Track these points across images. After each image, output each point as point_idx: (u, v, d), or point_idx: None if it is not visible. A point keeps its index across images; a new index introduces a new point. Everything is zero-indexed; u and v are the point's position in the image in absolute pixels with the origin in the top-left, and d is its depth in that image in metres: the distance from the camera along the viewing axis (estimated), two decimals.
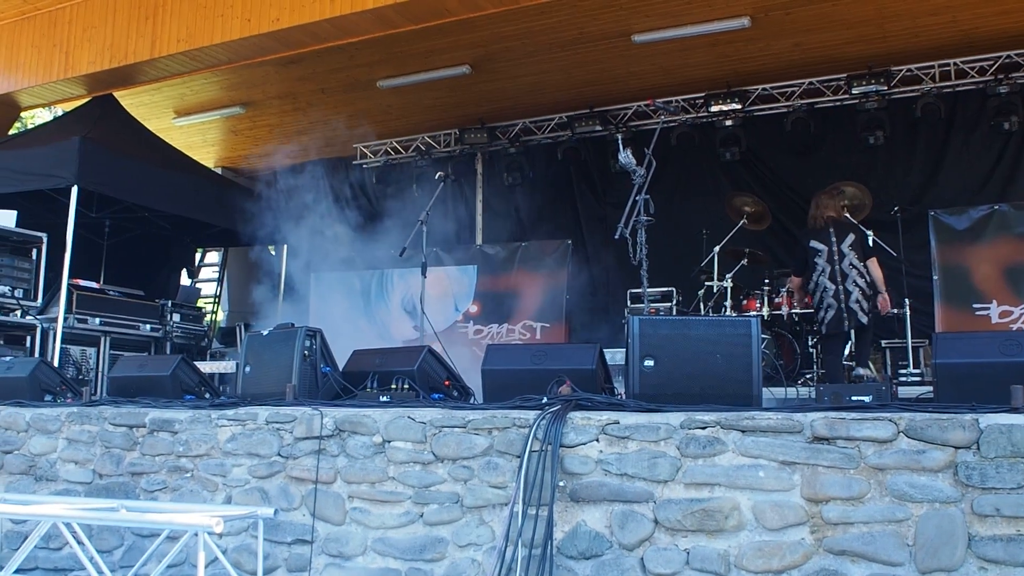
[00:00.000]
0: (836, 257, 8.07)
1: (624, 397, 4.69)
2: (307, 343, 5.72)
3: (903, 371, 8.92)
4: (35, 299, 9.46)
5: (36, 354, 9.23)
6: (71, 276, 9.17)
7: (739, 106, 10.89)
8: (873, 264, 8.15)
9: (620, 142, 6.61)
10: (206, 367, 6.90)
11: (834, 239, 8.09)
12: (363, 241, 14.03)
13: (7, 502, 5.28)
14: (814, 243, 8.20)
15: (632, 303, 10.33)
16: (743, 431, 3.93)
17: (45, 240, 9.57)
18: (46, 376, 6.88)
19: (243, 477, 5.13)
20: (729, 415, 3.98)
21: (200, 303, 13.05)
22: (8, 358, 7.69)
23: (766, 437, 3.88)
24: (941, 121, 10.45)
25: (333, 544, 4.76)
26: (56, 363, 8.61)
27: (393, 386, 5.36)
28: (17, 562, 4.60)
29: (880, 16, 9.30)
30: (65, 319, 9.17)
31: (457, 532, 4.45)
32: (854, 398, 4.23)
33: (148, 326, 10.50)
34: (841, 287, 7.99)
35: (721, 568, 3.84)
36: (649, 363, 4.54)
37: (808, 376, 8.85)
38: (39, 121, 18.73)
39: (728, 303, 9.21)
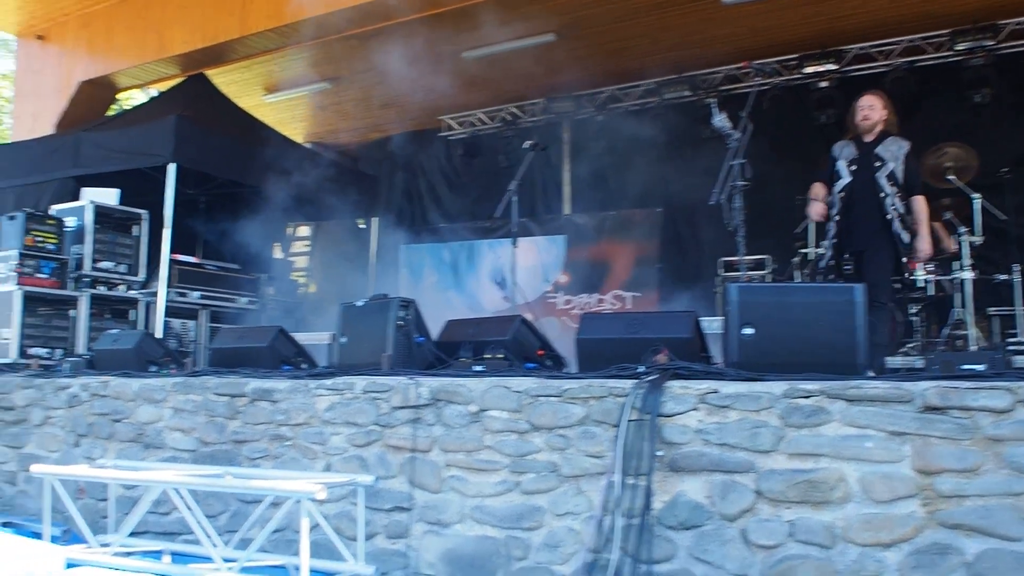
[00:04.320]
0: None
1: (722, 366, 4.61)
2: (401, 313, 5.75)
3: (1012, 340, 8.61)
4: (138, 274, 9.68)
5: (139, 327, 9.45)
6: (171, 251, 9.36)
7: (834, 66, 10.59)
8: None
9: (714, 106, 6.47)
10: (300, 338, 6.97)
11: None
12: (451, 212, 14.09)
13: (120, 468, 5.43)
14: None
15: (724, 271, 10.17)
16: (849, 400, 3.82)
17: (146, 217, 9.77)
18: (150, 348, 7.06)
19: (342, 445, 5.18)
20: (834, 384, 3.88)
21: (293, 276, 13.23)
22: (115, 331, 7.89)
23: (874, 407, 3.77)
24: None
25: (431, 512, 4.79)
26: (159, 335, 8.82)
27: (487, 356, 5.35)
28: (131, 525, 4.72)
29: None
30: (166, 293, 9.37)
31: (554, 501, 4.43)
32: (966, 367, 4.07)
33: (245, 299, 10.69)
34: None
35: (827, 540, 3.75)
36: (748, 331, 4.45)
37: (911, 345, 8.61)
38: (134, 103, 19.17)
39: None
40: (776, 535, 3.85)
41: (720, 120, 6.13)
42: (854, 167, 6.82)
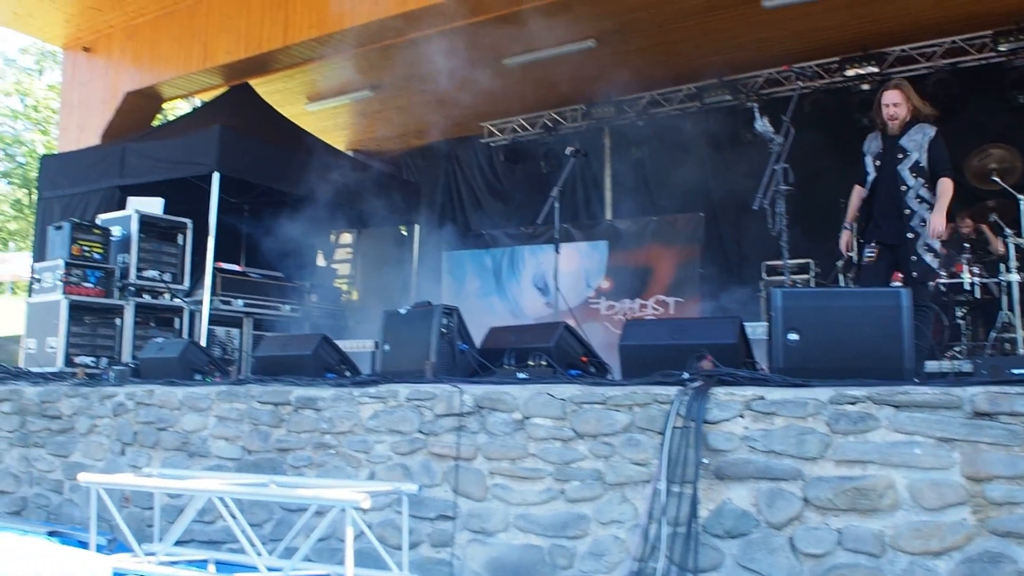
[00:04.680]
0: None
1: (767, 372, 4.57)
2: (444, 321, 5.76)
3: None
4: (182, 282, 9.78)
5: (184, 335, 9.53)
6: (215, 259, 9.45)
7: (876, 69, 10.50)
8: None
9: (756, 110, 6.43)
10: (343, 346, 7.01)
11: None
12: (492, 219, 14.12)
13: (165, 477, 5.48)
14: None
15: (767, 275, 10.11)
16: (897, 406, 3.78)
17: (190, 226, 9.87)
18: (195, 356, 7.12)
19: (385, 453, 5.20)
20: (881, 390, 3.83)
21: (336, 283, 13.30)
22: (160, 339, 7.97)
23: (922, 413, 3.72)
24: None
25: (475, 520, 4.79)
26: (203, 343, 8.90)
27: (530, 363, 5.35)
28: (176, 534, 4.77)
29: None
30: (210, 301, 9.46)
31: (599, 509, 4.41)
32: (1016, 371, 4.01)
33: (288, 307, 10.77)
34: None
35: (876, 549, 3.70)
36: (793, 337, 4.41)
37: (957, 350, 8.50)
38: (178, 112, 19.41)
39: None
40: (824, 543, 3.81)
41: (762, 124, 6.10)
42: (878, 162, 6.68)
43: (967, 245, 8.77)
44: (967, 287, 8.51)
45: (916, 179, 6.45)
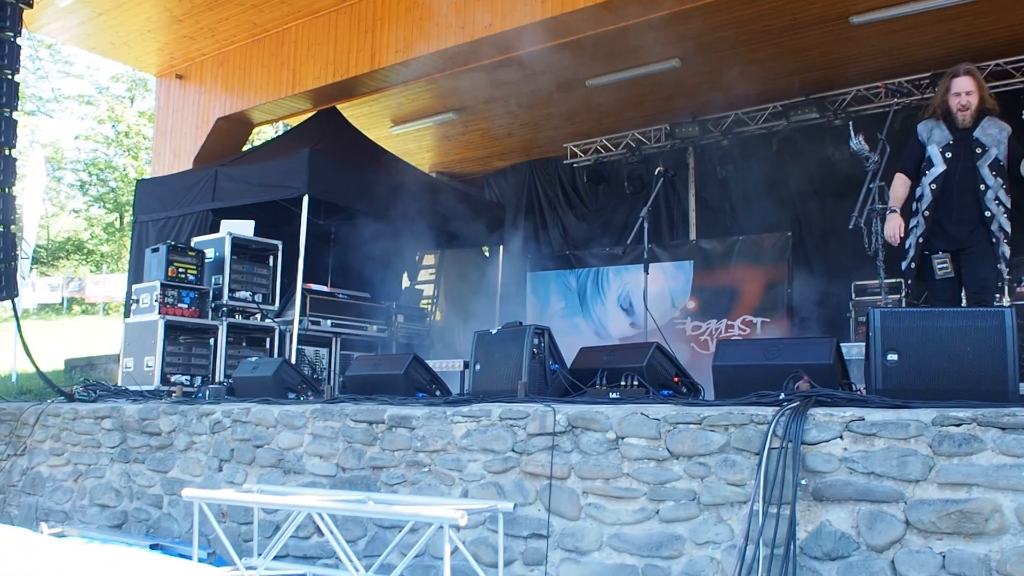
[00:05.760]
0: None
1: (865, 393, 4.51)
2: (536, 341, 5.80)
3: None
4: (273, 303, 9.99)
5: (275, 355, 9.73)
6: (304, 281, 9.62)
7: None
8: None
9: (851, 128, 6.34)
10: (432, 365, 7.10)
11: None
12: (576, 239, 14.16)
13: (264, 493, 5.60)
14: None
15: (856, 296, 9.97)
16: (1003, 428, 3.70)
17: (280, 247, 10.07)
18: (288, 375, 7.27)
19: (479, 472, 5.24)
20: (987, 411, 3.76)
21: (421, 304, 13.46)
22: (254, 359, 8.15)
23: None
24: None
25: (568, 539, 4.80)
26: (293, 362, 9.06)
27: (623, 383, 5.36)
28: (276, 549, 4.86)
29: None
30: (300, 321, 9.64)
31: (694, 530, 4.39)
32: None
33: (375, 327, 10.92)
34: None
35: (981, 573, 3.62)
36: (892, 357, 4.35)
37: None
38: (264, 138, 19.82)
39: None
40: (928, 567, 3.74)
41: (858, 142, 6.03)
42: (949, 155, 6.01)
43: None
44: None
45: (996, 179, 5.89)
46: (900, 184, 6.22)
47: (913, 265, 6.14)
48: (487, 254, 14.58)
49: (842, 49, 10.38)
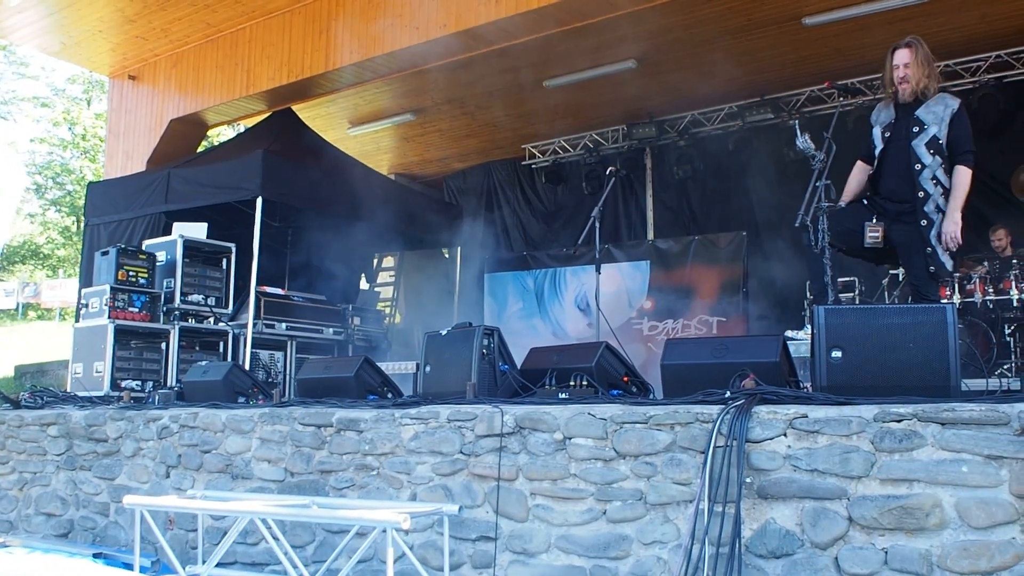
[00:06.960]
0: None
1: (810, 390, 4.51)
2: (485, 342, 5.76)
3: None
4: (226, 306, 9.86)
5: (228, 358, 9.61)
6: (258, 283, 9.53)
7: None
8: None
9: (797, 127, 6.35)
10: (386, 368, 7.05)
11: None
12: (534, 240, 14.16)
13: (209, 499, 5.51)
14: None
15: (811, 294, 10.01)
16: (943, 424, 3.71)
17: (234, 250, 9.97)
18: (239, 379, 7.18)
19: (427, 475, 5.19)
20: (927, 407, 3.77)
21: (379, 306, 13.38)
22: (204, 362, 8.04)
23: (969, 430, 3.65)
24: None
25: (517, 541, 4.76)
26: (247, 366, 8.96)
27: (571, 383, 5.33)
28: (218, 556, 4.78)
29: None
30: (254, 325, 9.54)
31: (641, 530, 4.37)
32: None
33: (331, 330, 10.83)
34: None
35: (923, 569, 3.63)
36: (837, 354, 4.35)
37: (1006, 367, 8.36)
38: (222, 139, 19.66)
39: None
40: (870, 563, 3.74)
41: (803, 141, 6.03)
42: (888, 134, 5.95)
43: (1015, 261, 8.63)
44: (1015, 304, 8.38)
45: (934, 157, 5.73)
46: (855, 173, 6.22)
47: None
48: (446, 256, 14.53)
49: (796, 50, 10.47)
